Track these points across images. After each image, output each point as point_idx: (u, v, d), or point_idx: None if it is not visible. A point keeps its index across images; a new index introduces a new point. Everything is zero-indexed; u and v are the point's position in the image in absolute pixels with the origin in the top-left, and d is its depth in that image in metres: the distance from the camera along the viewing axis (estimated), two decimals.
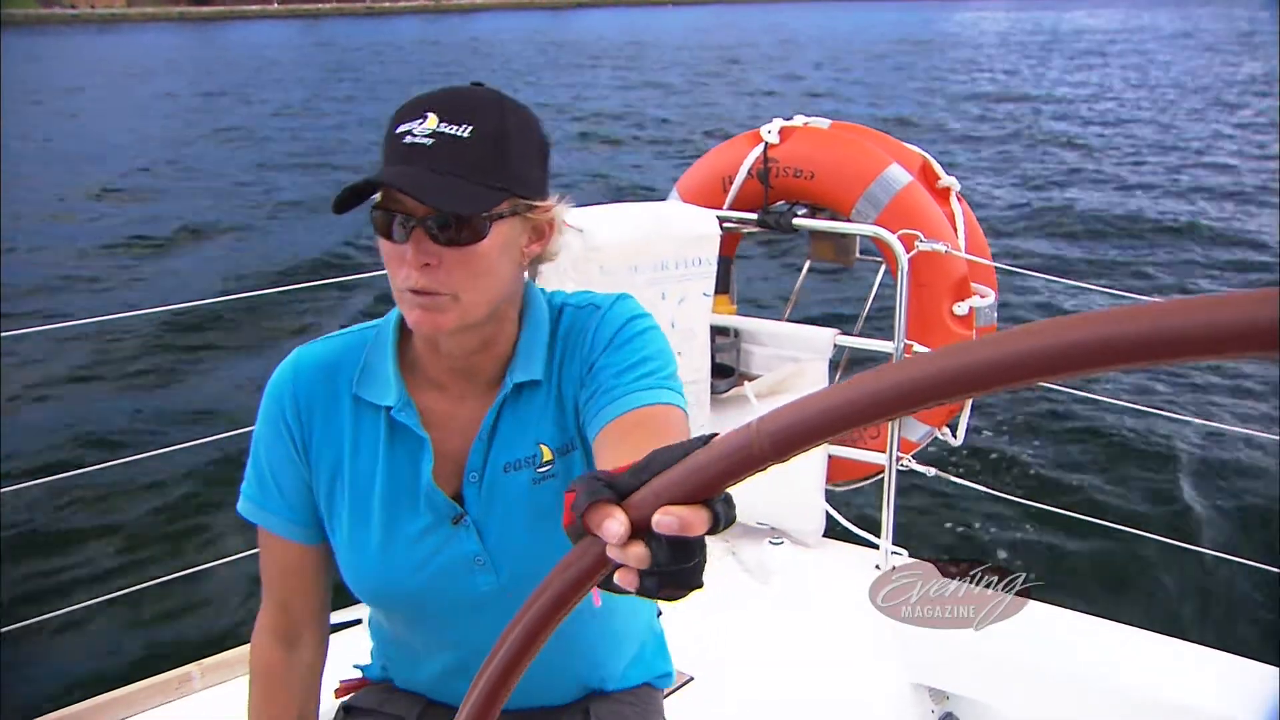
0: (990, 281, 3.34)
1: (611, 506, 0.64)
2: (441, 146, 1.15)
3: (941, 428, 3.37)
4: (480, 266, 1.20)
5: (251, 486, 1.37)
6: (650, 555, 0.63)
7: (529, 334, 1.32)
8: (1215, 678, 2.33)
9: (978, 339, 0.49)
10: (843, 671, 2.52)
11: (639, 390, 1.21)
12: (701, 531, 0.62)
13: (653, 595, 0.65)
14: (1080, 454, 6.10)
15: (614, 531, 0.62)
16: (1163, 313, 0.43)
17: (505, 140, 1.18)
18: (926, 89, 27.99)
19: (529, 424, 1.32)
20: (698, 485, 0.61)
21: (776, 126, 3.32)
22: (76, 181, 15.64)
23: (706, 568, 0.67)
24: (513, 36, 57.88)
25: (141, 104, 26.14)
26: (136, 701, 2.24)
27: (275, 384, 1.35)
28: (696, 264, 2.97)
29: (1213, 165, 15.91)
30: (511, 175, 1.19)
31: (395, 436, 1.32)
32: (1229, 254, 10.72)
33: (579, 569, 0.66)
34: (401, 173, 1.14)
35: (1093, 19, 67.36)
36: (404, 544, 1.32)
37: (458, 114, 1.17)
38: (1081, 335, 0.45)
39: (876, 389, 0.52)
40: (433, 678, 1.46)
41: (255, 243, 11.87)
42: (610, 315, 1.31)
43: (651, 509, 0.62)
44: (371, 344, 1.35)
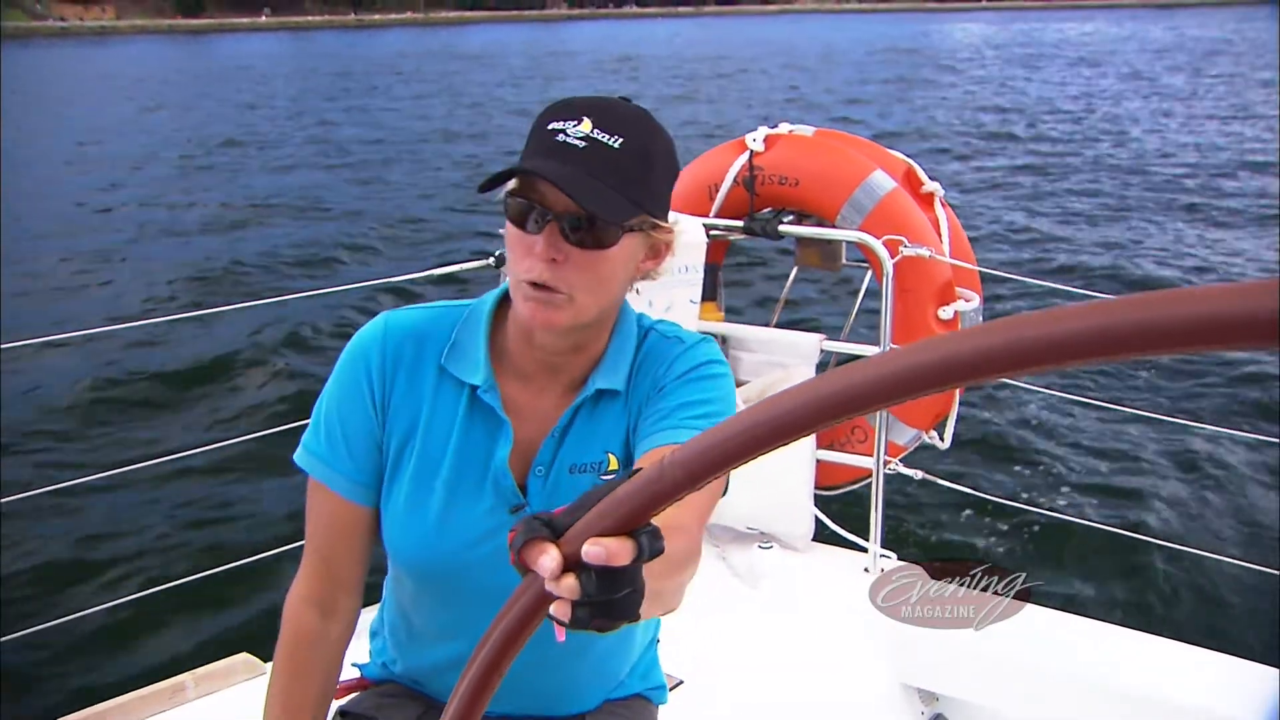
0: (975, 285, 3.37)
1: (545, 543, 0.67)
2: (593, 151, 1.18)
3: (929, 431, 3.39)
4: (603, 272, 1.23)
5: (318, 441, 1.37)
6: (580, 587, 0.66)
7: (618, 344, 1.35)
8: (1210, 679, 2.34)
9: (960, 331, 0.49)
10: (833, 674, 2.53)
11: (690, 428, 1.23)
12: (625, 561, 0.64)
13: (584, 626, 0.68)
14: (1069, 456, 6.12)
15: (546, 566, 0.66)
16: (1163, 302, 0.43)
17: (650, 158, 1.22)
18: (913, 97, 28.10)
19: (601, 431, 1.35)
20: (621, 517, 0.64)
21: (761, 134, 3.35)
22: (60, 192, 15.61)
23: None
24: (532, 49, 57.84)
25: (128, 119, 26.06)
26: (130, 711, 2.23)
27: (361, 341, 1.37)
28: (683, 271, 3.00)
29: (1204, 170, 16.01)
30: (649, 192, 1.23)
31: (474, 415, 1.34)
32: (1220, 259, 10.79)
33: (522, 605, 0.69)
34: (554, 168, 1.16)
35: (1082, 28, 67.66)
36: (461, 520, 1.34)
37: (612, 123, 1.20)
38: (1079, 325, 0.44)
39: (779, 411, 0.54)
40: (441, 664, 1.46)
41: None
42: (692, 352, 1.34)
43: (580, 542, 0.65)
44: (463, 322, 1.37)
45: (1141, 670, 2.38)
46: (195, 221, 13.60)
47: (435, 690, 1.50)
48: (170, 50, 61.16)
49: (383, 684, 1.56)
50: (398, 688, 1.54)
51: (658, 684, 1.62)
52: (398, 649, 1.52)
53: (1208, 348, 0.42)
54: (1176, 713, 2.26)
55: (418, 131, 22.49)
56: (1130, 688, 2.33)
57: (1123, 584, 4.71)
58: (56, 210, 14.48)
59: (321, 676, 1.42)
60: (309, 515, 1.41)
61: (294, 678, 1.40)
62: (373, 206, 14.29)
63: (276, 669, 1.42)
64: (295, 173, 17.38)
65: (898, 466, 3.21)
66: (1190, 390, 7.00)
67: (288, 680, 1.41)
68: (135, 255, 11.82)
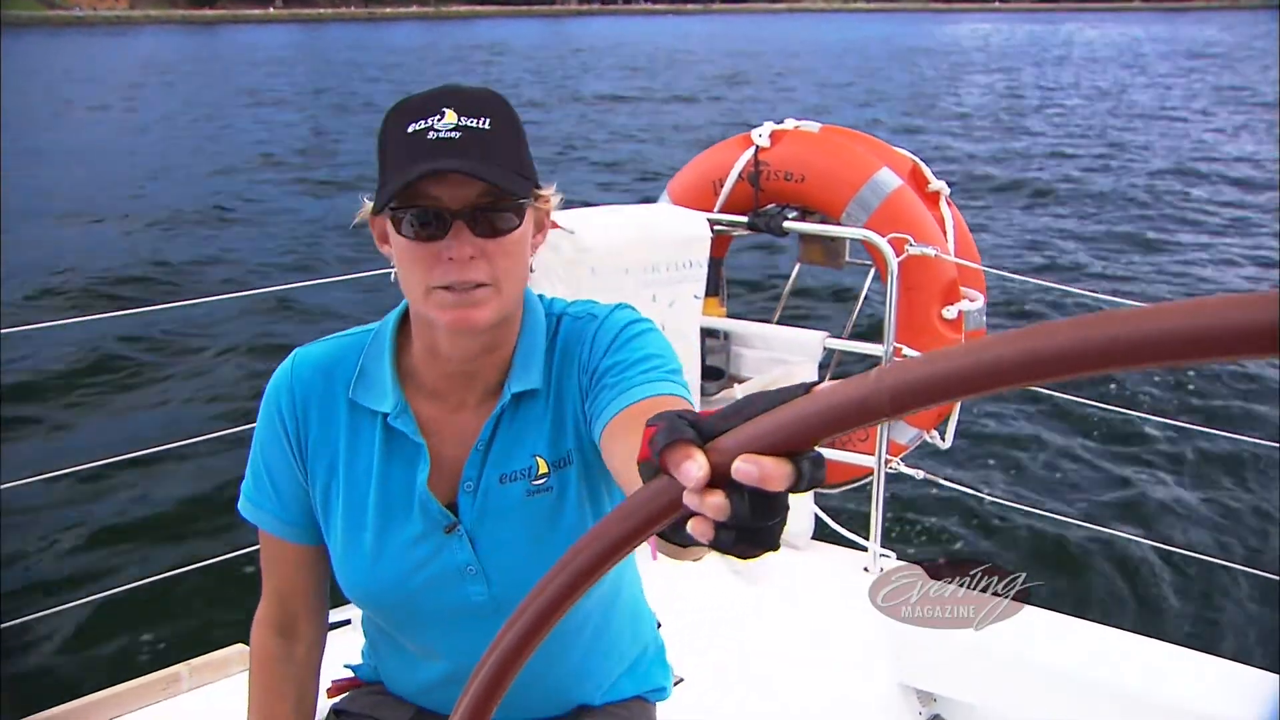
0: (979, 285, 3.36)
1: (693, 447, 0.58)
2: (470, 138, 1.14)
3: (930, 431, 3.37)
4: (516, 255, 1.20)
5: (250, 486, 1.38)
6: (730, 507, 0.57)
7: (526, 340, 1.31)
8: (1212, 683, 2.33)
9: (1048, 323, 0.48)
10: (831, 673, 2.52)
11: (643, 383, 1.18)
12: (782, 488, 0.56)
13: (726, 550, 0.60)
14: (1070, 457, 6.11)
15: (692, 475, 0.57)
16: (1167, 313, 0.43)
17: (518, 132, 1.21)
18: (918, 96, 28.08)
19: (526, 436, 1.31)
20: (793, 435, 0.56)
21: (767, 130, 3.34)
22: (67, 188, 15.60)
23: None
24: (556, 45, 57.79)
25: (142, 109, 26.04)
26: (125, 702, 2.23)
27: (274, 385, 1.35)
28: (687, 266, 2.98)
29: (1208, 172, 15.99)
30: (528, 165, 1.22)
31: (391, 443, 1.31)
32: (1224, 260, 10.77)
33: (648, 510, 0.60)
34: (452, 164, 1.13)
35: (1091, 30, 67.64)
36: (396, 550, 1.31)
37: (474, 108, 1.16)
38: (1088, 335, 0.44)
39: (1003, 354, 0.48)
40: (422, 686, 1.46)
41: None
42: (608, 322, 1.29)
43: (735, 456, 0.56)
44: (368, 348, 1.33)
45: (1140, 674, 2.38)
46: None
47: (426, 704, 1.49)
48: (179, 41, 61.15)
49: (375, 684, 1.55)
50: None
51: (658, 686, 1.61)
52: (381, 665, 1.53)
53: (1211, 358, 0.42)
54: (1174, 716, 2.25)
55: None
56: (1129, 691, 2.33)
57: (1122, 586, 4.70)
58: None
59: (294, 694, 1.43)
60: (261, 552, 1.42)
61: (266, 695, 1.42)
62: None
63: (251, 691, 1.43)
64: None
65: (899, 465, 3.20)
66: (1192, 393, 6.99)
67: (261, 699, 1.43)
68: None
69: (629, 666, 1.54)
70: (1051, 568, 4.73)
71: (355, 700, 1.54)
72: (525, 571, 1.29)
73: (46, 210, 13.35)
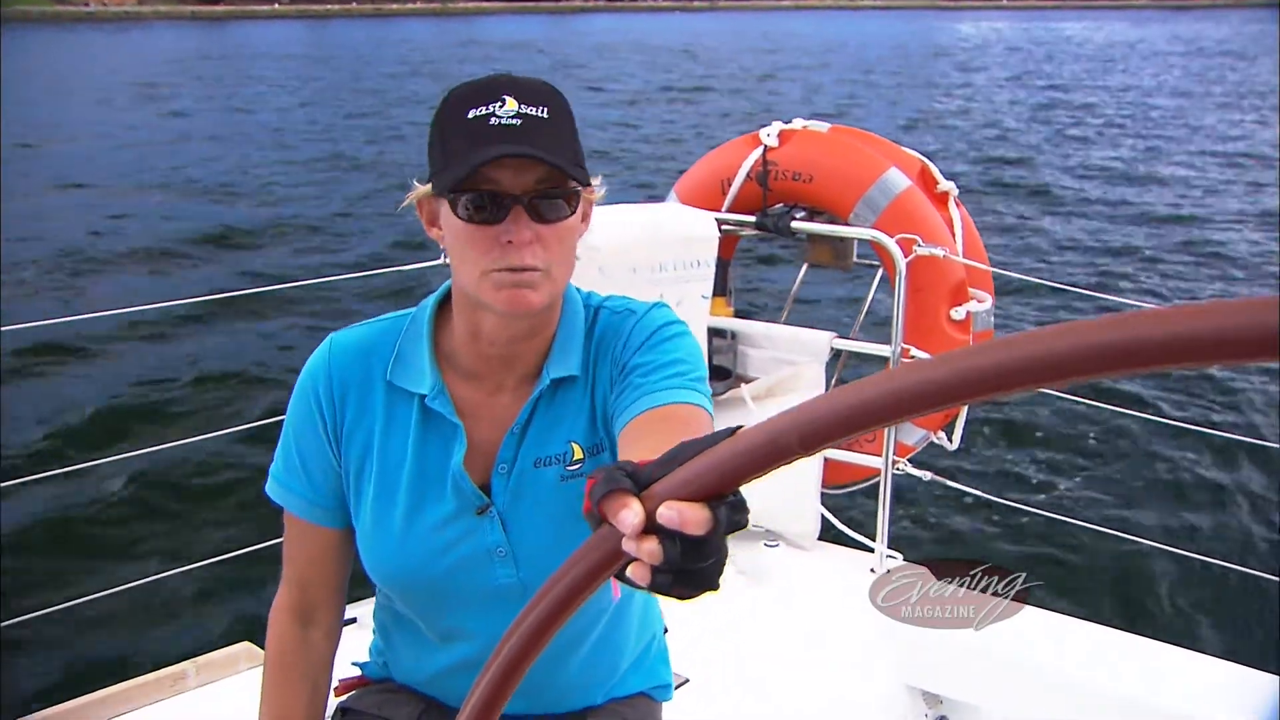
0: (988, 286, 3.35)
1: (628, 496, 0.61)
2: (531, 126, 1.17)
3: (937, 432, 3.37)
4: (569, 241, 1.24)
5: (280, 469, 1.38)
6: (662, 552, 0.60)
7: (566, 328, 1.33)
8: (1213, 685, 2.33)
9: (995, 339, 0.48)
10: (837, 674, 2.52)
11: (667, 388, 1.21)
12: (700, 532, 0.59)
13: (664, 592, 0.63)
14: (1076, 459, 6.11)
15: (628, 522, 0.60)
16: (1167, 318, 0.43)
17: (572, 121, 1.23)
18: (925, 95, 28.04)
19: (563, 421, 1.33)
20: (713, 481, 0.59)
21: (775, 129, 3.33)
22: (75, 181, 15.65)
23: (724, 566, 0.65)
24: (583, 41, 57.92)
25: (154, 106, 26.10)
26: (131, 699, 2.23)
27: (310, 369, 1.36)
28: (694, 266, 2.98)
29: (1213, 172, 15.95)
30: (581, 155, 1.24)
31: (428, 424, 1.33)
32: (1230, 262, 10.75)
33: (594, 559, 0.64)
34: (518, 149, 1.16)
35: (1096, 30, 67.58)
36: (427, 529, 1.33)
37: (532, 96, 1.19)
38: (1082, 340, 0.45)
39: (904, 385, 0.50)
40: (438, 672, 1.46)
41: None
42: (645, 320, 1.32)
43: (664, 501, 0.60)
44: (406, 331, 1.35)
45: (1145, 676, 2.37)
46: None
47: (434, 693, 1.49)
48: (188, 36, 61.34)
49: (383, 681, 1.55)
50: (397, 685, 1.53)
51: (662, 683, 1.60)
52: (392, 658, 1.53)
53: (1211, 363, 0.42)
54: (1178, 718, 2.25)
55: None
56: (1133, 693, 2.32)
57: (1128, 588, 4.70)
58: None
59: (308, 683, 1.43)
60: (285, 536, 1.42)
61: (281, 685, 1.42)
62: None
63: (265, 678, 1.43)
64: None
65: (906, 466, 3.19)
66: (1195, 395, 7.01)
67: (276, 688, 1.42)
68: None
69: (634, 662, 1.54)
70: (1058, 569, 4.73)
71: (362, 699, 1.54)
72: (555, 556, 1.28)
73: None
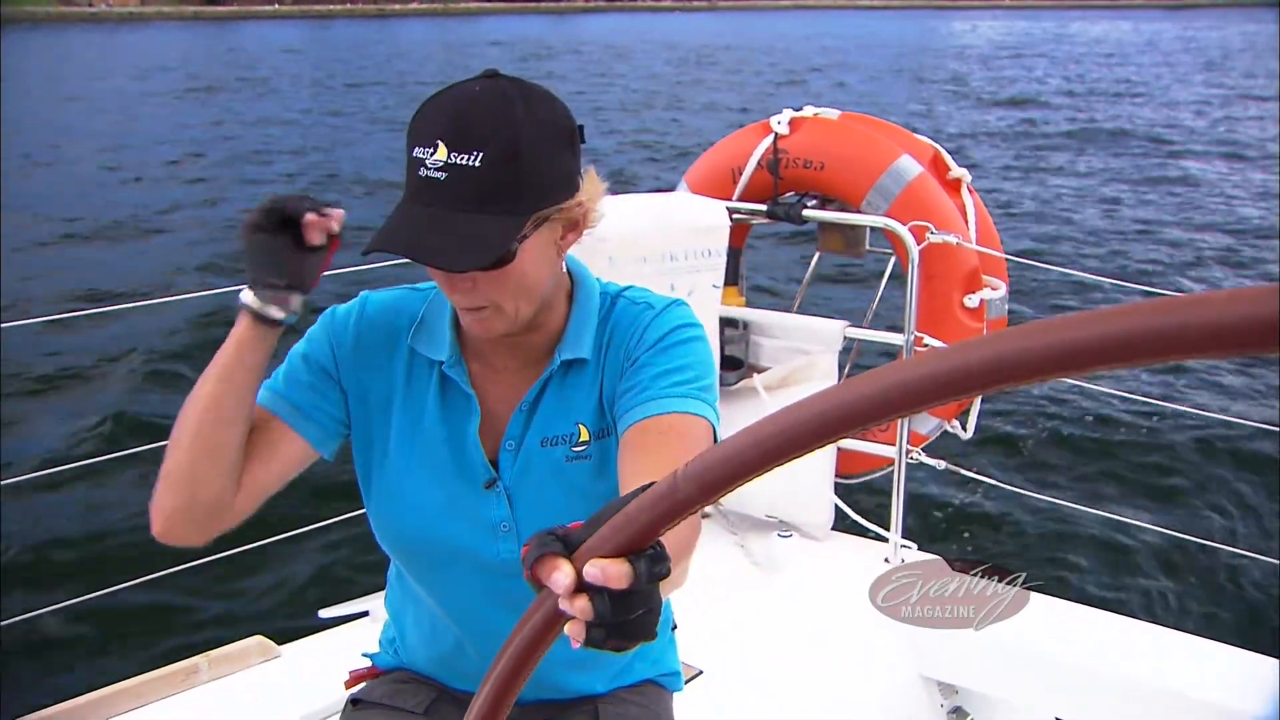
0: (1001, 274, 3.32)
1: (558, 559, 0.65)
2: (454, 180, 1.14)
3: (952, 421, 3.34)
4: (516, 278, 1.22)
5: (276, 378, 1.36)
6: (593, 607, 0.64)
7: (579, 313, 1.34)
8: (1220, 670, 2.35)
9: (982, 337, 0.48)
10: (851, 665, 2.51)
11: (672, 397, 1.22)
12: (624, 585, 0.62)
13: (599, 646, 0.66)
14: (1088, 448, 6.11)
15: (559, 583, 0.64)
16: (1164, 309, 0.42)
17: (519, 158, 1.15)
18: (931, 89, 27.99)
19: (572, 402, 1.34)
20: (631, 535, 0.62)
21: (786, 117, 3.30)
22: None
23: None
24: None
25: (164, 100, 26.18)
26: (144, 693, 2.24)
27: (338, 316, 1.38)
28: (706, 255, 2.96)
29: (1223, 162, 15.90)
30: (532, 192, 1.18)
31: (446, 392, 1.35)
32: (1241, 250, 10.70)
33: (535, 623, 0.67)
34: (411, 233, 1.15)
35: (1092, 27, 67.39)
36: (435, 496, 1.35)
37: (467, 140, 1.14)
38: (1076, 334, 0.44)
39: (792, 422, 0.52)
40: (446, 652, 1.46)
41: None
42: (663, 318, 1.32)
43: (588, 560, 0.64)
44: (432, 300, 1.38)
45: (1157, 662, 2.38)
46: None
47: (445, 677, 1.50)
48: (192, 36, 61.55)
49: (393, 671, 1.56)
50: (408, 675, 1.54)
51: (671, 670, 1.60)
52: (403, 642, 1.53)
53: (1214, 354, 0.42)
54: (1187, 704, 2.27)
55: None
56: (1146, 680, 2.34)
57: (1141, 575, 4.71)
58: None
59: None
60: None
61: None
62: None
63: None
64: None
65: (920, 456, 3.16)
66: (1202, 380, 7.03)
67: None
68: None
69: (640, 652, 1.53)
70: (1071, 557, 4.73)
71: (373, 689, 1.54)
72: None
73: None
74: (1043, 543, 4.82)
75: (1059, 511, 4.80)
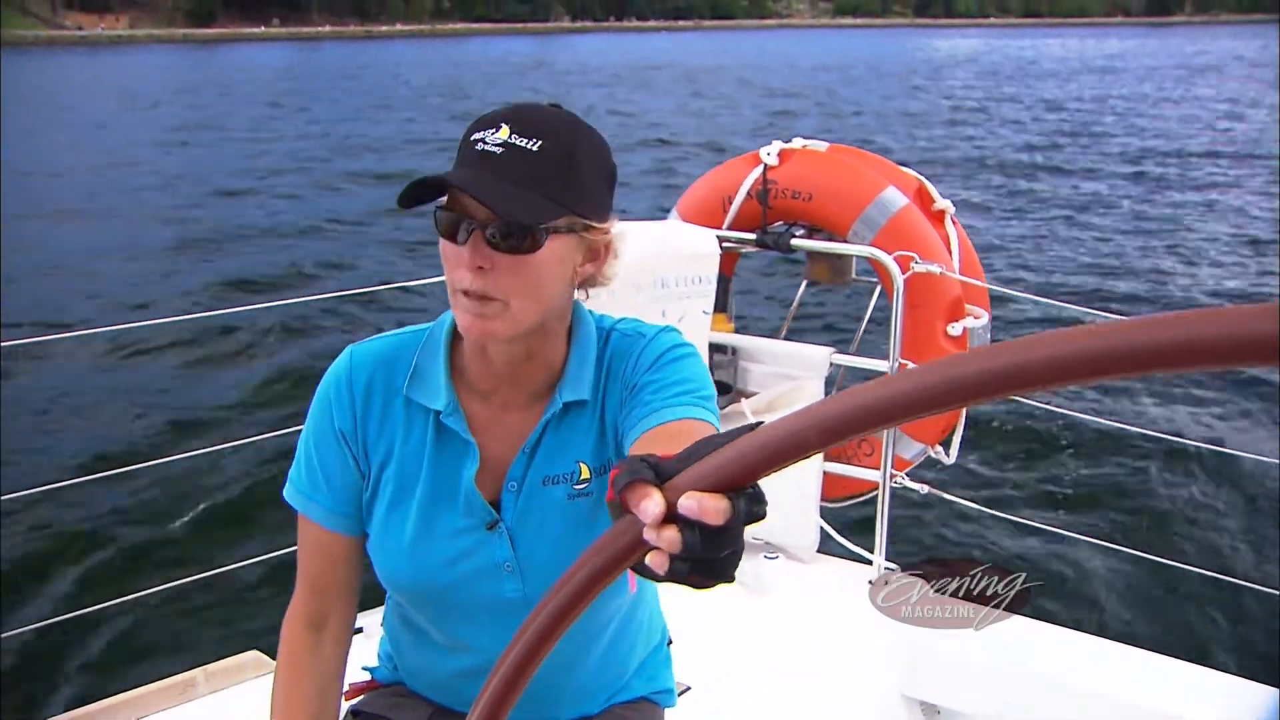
0: (984, 303, 3.39)
1: (649, 487, 0.64)
2: (510, 156, 1.19)
3: (935, 446, 3.41)
4: (532, 275, 1.22)
5: (300, 476, 1.40)
6: (682, 540, 0.63)
7: (578, 353, 1.36)
8: (1213, 697, 2.36)
9: (1021, 339, 0.50)
10: (836, 684, 2.55)
11: (676, 405, 1.23)
12: (718, 521, 0.61)
13: (681, 580, 0.65)
14: (1074, 472, 6.15)
15: (649, 511, 0.63)
16: (1168, 324, 0.44)
17: (572, 160, 1.22)
18: (913, 112, 28.18)
19: (572, 442, 1.35)
20: (733, 472, 0.61)
21: (775, 149, 3.38)
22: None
23: (740, 559, 0.68)
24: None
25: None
26: (141, 705, 2.25)
27: (332, 380, 1.39)
28: (696, 282, 3.02)
29: (1211, 189, 16.02)
30: (574, 194, 1.23)
31: (442, 439, 1.35)
32: (1228, 280, 10.80)
33: (616, 547, 0.66)
34: (467, 176, 1.18)
35: (1063, 49, 67.99)
36: (438, 541, 1.36)
37: (530, 128, 1.20)
38: (1085, 346, 0.46)
39: (925, 383, 0.52)
40: (447, 678, 1.49)
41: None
42: (655, 342, 1.34)
43: (684, 492, 0.62)
44: (423, 346, 1.38)
45: (1143, 688, 2.39)
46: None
47: (442, 699, 1.52)
48: (180, 59, 61.52)
49: (393, 685, 1.58)
50: (407, 690, 1.57)
51: (665, 688, 1.63)
52: (402, 663, 1.56)
53: (1214, 366, 0.44)
54: None
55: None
56: (1131, 705, 2.34)
57: (1127, 601, 4.73)
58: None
59: (318, 690, 1.43)
60: (299, 543, 1.44)
61: (292, 691, 1.43)
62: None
63: (276, 683, 1.44)
64: None
65: (903, 480, 3.23)
66: (1193, 410, 7.05)
67: (286, 693, 1.43)
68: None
69: (637, 669, 1.57)
70: (1054, 582, 4.76)
71: (372, 701, 1.57)
72: (560, 571, 1.30)
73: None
74: (1025, 566, 4.85)
75: (1041, 535, 4.84)
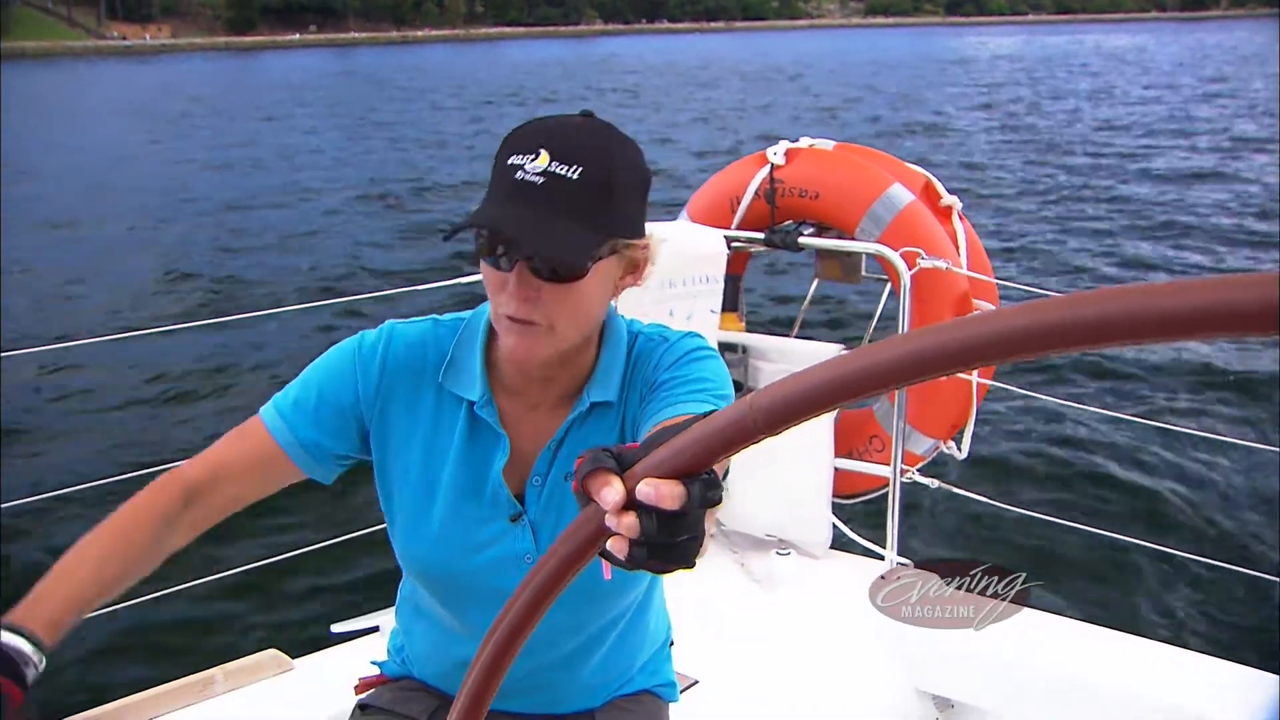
0: (992, 298, 3.40)
1: (610, 475, 0.66)
2: (552, 187, 1.19)
3: (946, 441, 3.41)
4: (578, 302, 1.25)
5: (287, 404, 1.39)
6: (640, 525, 0.65)
7: (609, 356, 1.38)
8: (1217, 686, 2.36)
9: (987, 312, 0.51)
10: (847, 679, 2.56)
11: (692, 400, 1.25)
12: (673, 506, 0.63)
13: (640, 565, 0.67)
14: (1084, 465, 6.16)
15: (608, 499, 0.65)
16: (1172, 291, 0.44)
17: (612, 183, 1.22)
18: (931, 110, 28.10)
19: (595, 441, 1.37)
20: (687, 460, 0.63)
21: (782, 148, 3.40)
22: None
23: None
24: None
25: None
26: (159, 704, 2.26)
27: (365, 345, 1.39)
28: (704, 281, 3.04)
29: (1218, 183, 15.94)
30: (615, 218, 1.24)
31: (474, 429, 1.38)
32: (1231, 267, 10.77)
33: (582, 535, 0.68)
34: (509, 215, 1.19)
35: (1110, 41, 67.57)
36: (462, 530, 1.39)
37: (569, 153, 1.20)
38: (1087, 311, 0.46)
39: (869, 362, 0.53)
40: (454, 665, 1.52)
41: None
42: (676, 346, 1.37)
43: (642, 479, 0.64)
44: (460, 336, 1.40)
45: (1153, 678, 2.40)
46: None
47: (451, 689, 1.54)
48: (222, 66, 61.89)
49: (400, 679, 1.61)
50: (414, 683, 1.60)
51: (667, 681, 1.65)
52: (414, 652, 1.58)
53: (1214, 335, 0.44)
54: (1183, 719, 2.27)
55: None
56: (1141, 696, 2.35)
57: (1138, 592, 4.73)
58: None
59: (136, 548, 1.29)
60: (235, 433, 1.40)
61: (116, 530, 1.29)
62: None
63: (114, 516, 1.30)
64: None
65: (915, 476, 3.24)
66: (1202, 402, 7.07)
67: (110, 530, 1.29)
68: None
69: (642, 663, 1.60)
70: (1067, 574, 4.76)
71: (380, 695, 1.60)
72: None
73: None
74: (1036, 560, 4.85)
75: (1052, 529, 4.84)
